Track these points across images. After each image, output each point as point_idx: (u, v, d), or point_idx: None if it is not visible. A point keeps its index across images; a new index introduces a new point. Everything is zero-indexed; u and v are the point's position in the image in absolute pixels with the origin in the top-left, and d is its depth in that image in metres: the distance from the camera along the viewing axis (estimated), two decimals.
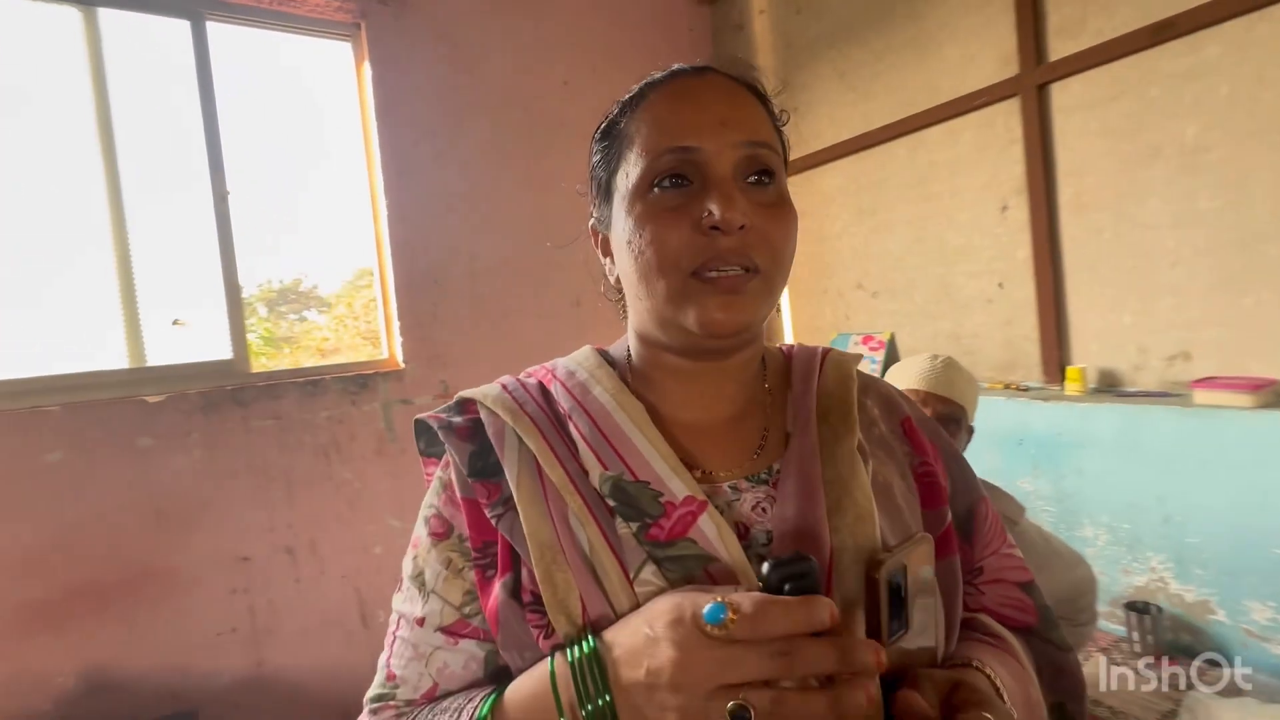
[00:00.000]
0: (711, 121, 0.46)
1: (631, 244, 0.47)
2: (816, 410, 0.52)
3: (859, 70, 2.44)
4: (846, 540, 0.45)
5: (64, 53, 1.91)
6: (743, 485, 0.49)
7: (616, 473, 0.46)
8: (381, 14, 2.27)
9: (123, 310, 1.94)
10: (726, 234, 0.44)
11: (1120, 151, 1.75)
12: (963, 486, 0.56)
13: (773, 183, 0.48)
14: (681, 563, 0.43)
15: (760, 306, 0.47)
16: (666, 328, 0.49)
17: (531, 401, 0.51)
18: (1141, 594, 1.69)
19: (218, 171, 2.06)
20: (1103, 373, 1.86)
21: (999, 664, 0.48)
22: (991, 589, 0.56)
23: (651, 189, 0.47)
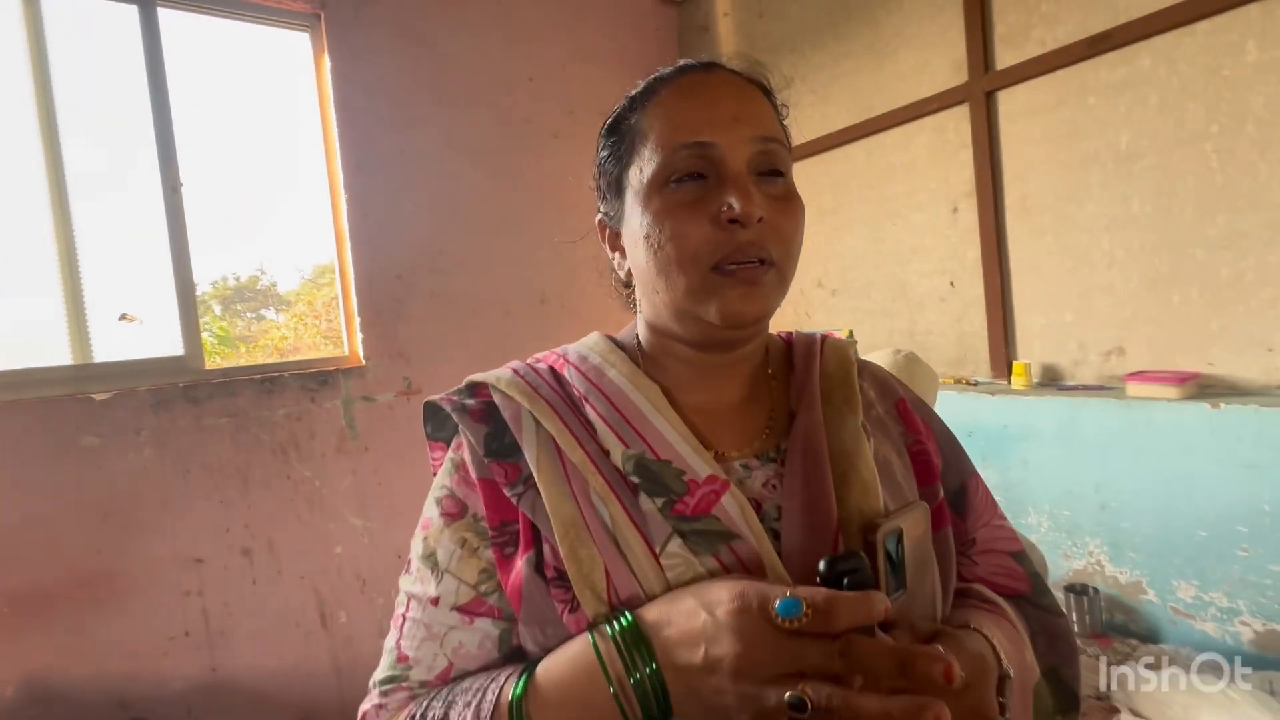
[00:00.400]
0: (725, 117, 0.48)
1: (650, 238, 0.48)
2: (820, 391, 0.54)
3: (818, 73, 2.50)
4: (853, 511, 0.47)
5: (1, 35, 1.82)
6: (753, 464, 0.51)
7: (638, 451, 0.47)
8: (341, 4, 2.23)
9: (66, 304, 1.87)
10: (745, 227, 0.46)
11: (1060, 158, 1.84)
12: (955, 464, 0.59)
13: (783, 178, 0.50)
14: (706, 537, 0.45)
15: (775, 296, 0.49)
16: (684, 320, 0.50)
17: (545, 385, 0.52)
18: (1080, 577, 1.79)
19: (169, 163, 2.00)
20: (1046, 368, 1.95)
21: (995, 627, 0.50)
22: (985, 559, 0.58)
23: (668, 184, 0.48)
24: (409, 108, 2.36)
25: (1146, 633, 1.67)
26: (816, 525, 0.46)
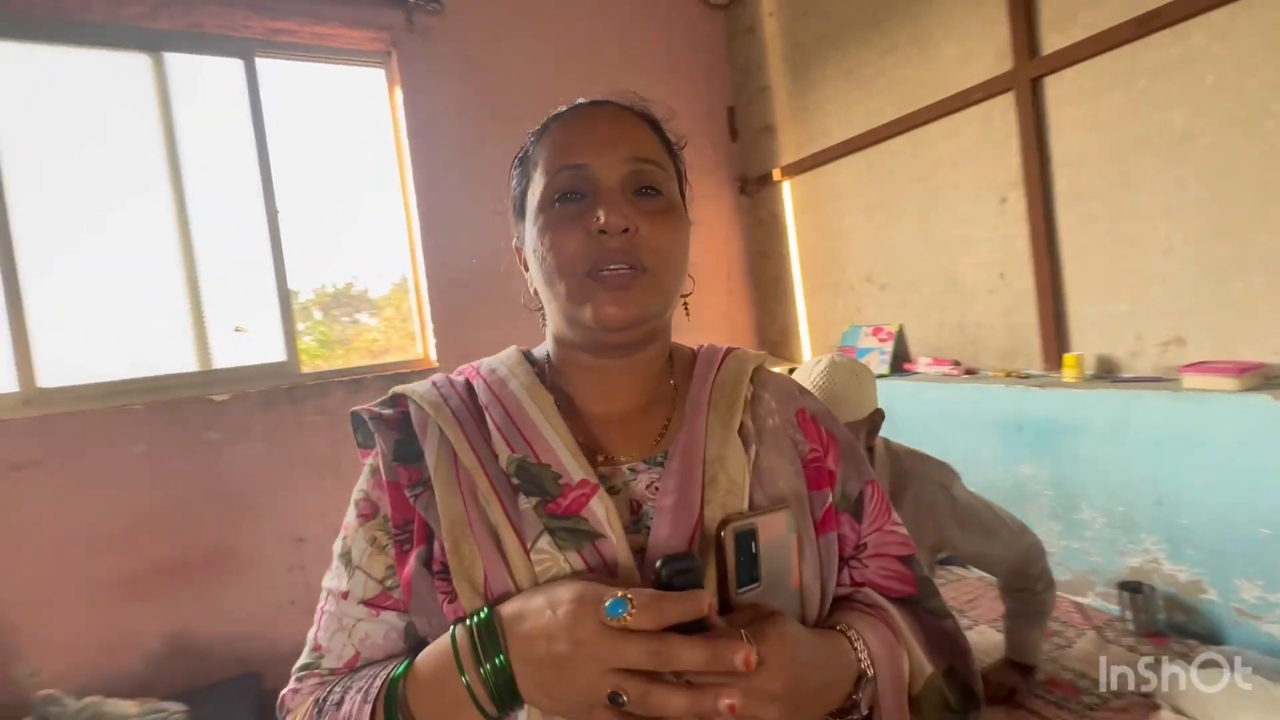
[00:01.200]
0: (599, 142, 0.53)
1: (537, 251, 0.54)
2: (709, 400, 0.57)
3: (864, 69, 2.51)
4: (716, 510, 0.50)
5: (136, 93, 2.16)
6: (640, 468, 0.55)
7: (522, 455, 0.51)
8: (410, 42, 2.46)
9: (191, 319, 2.20)
10: (612, 236, 0.50)
11: (1112, 142, 1.78)
12: (854, 472, 0.60)
13: (660, 195, 0.54)
14: (573, 536, 0.48)
15: (650, 302, 0.52)
16: (573, 325, 0.54)
17: (455, 396, 0.57)
18: (1136, 574, 1.74)
19: (269, 192, 2.29)
20: (1101, 359, 1.90)
21: (868, 629, 0.52)
22: (874, 562, 0.59)
23: (552, 203, 0.53)
24: (471, 129, 2.57)
25: (1208, 633, 1.61)
26: (681, 524, 0.49)
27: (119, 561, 1.95)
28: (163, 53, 2.17)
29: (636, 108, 0.59)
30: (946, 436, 2.16)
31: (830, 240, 2.77)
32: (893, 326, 2.53)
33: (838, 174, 2.68)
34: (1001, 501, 2.02)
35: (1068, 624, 1.77)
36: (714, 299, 3.15)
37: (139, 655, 1.95)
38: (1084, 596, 1.87)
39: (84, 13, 2.02)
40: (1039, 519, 1.95)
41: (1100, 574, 1.82)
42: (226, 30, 2.22)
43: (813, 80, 2.75)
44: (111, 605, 1.93)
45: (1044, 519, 1.94)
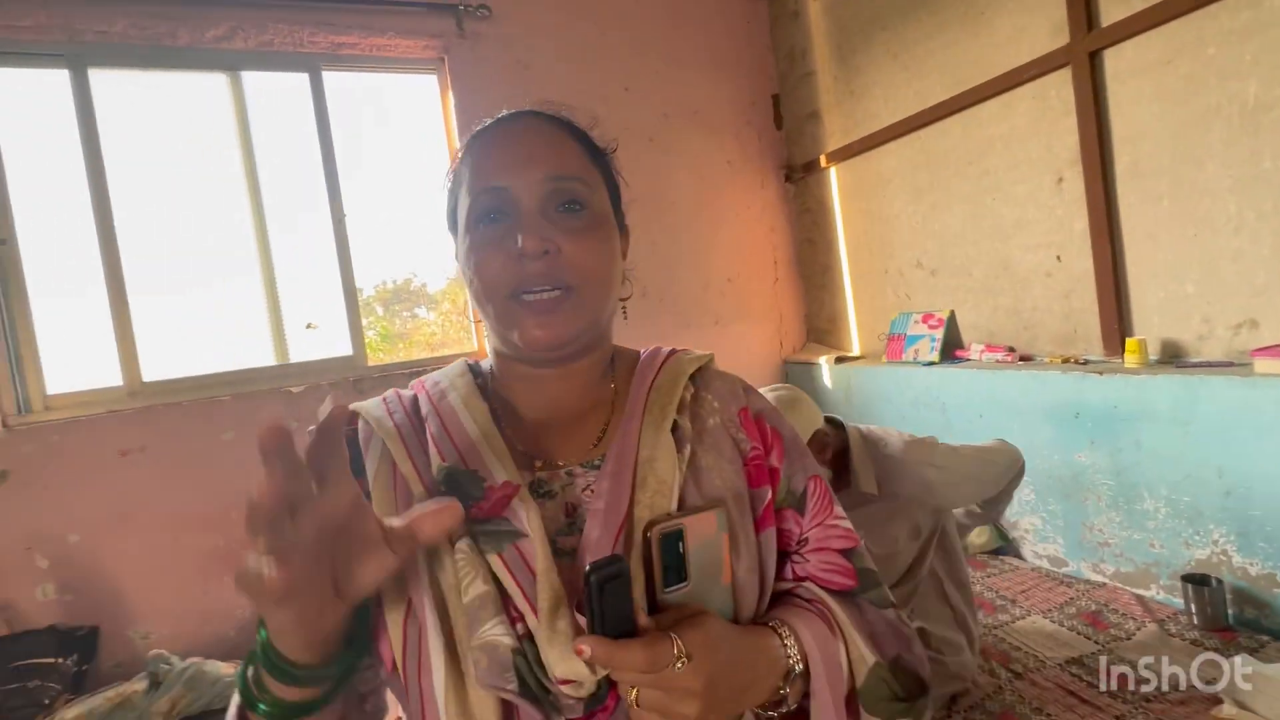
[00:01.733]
0: (518, 162, 0.53)
1: (465, 272, 0.55)
2: (645, 403, 0.57)
3: (912, 49, 2.45)
4: (645, 511, 0.50)
5: (217, 110, 2.35)
6: (577, 471, 0.55)
7: (451, 463, 0.52)
8: (461, 48, 2.57)
9: (269, 317, 2.39)
10: (533, 260, 0.50)
11: (1177, 115, 1.70)
12: (799, 468, 0.60)
13: (584, 209, 0.54)
14: (495, 537, 0.49)
15: (576, 321, 0.53)
16: (505, 343, 0.56)
17: (400, 411, 0.57)
18: (1203, 567, 1.67)
19: (335, 197, 2.45)
20: (1166, 344, 1.82)
21: (802, 624, 0.52)
22: (815, 556, 0.59)
23: (476, 225, 0.53)
24: None
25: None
26: (610, 525, 0.50)
27: (214, 538, 2.15)
28: (239, 71, 2.35)
29: (560, 118, 0.58)
30: (999, 424, 2.12)
31: (879, 226, 2.73)
32: (943, 313, 2.47)
33: (886, 158, 2.64)
34: (1059, 491, 1.98)
35: (1127, 616, 1.72)
36: (761, 289, 3.15)
37: (233, 623, 2.16)
38: (1146, 589, 1.81)
39: (172, 39, 2.21)
40: (1098, 509, 1.90)
41: (1164, 566, 1.75)
42: (295, 47, 2.38)
43: (859, 64, 2.70)
44: (208, 577, 2.14)
45: (1103, 509, 1.88)
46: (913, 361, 2.49)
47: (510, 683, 0.44)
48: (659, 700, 0.43)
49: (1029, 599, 1.89)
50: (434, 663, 0.46)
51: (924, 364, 2.44)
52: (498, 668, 0.44)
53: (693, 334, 2.94)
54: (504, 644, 0.45)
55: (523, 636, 0.46)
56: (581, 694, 0.45)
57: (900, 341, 2.60)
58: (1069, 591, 1.89)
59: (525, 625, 0.46)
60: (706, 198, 3.02)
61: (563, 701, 0.45)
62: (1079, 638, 1.66)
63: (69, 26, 2.08)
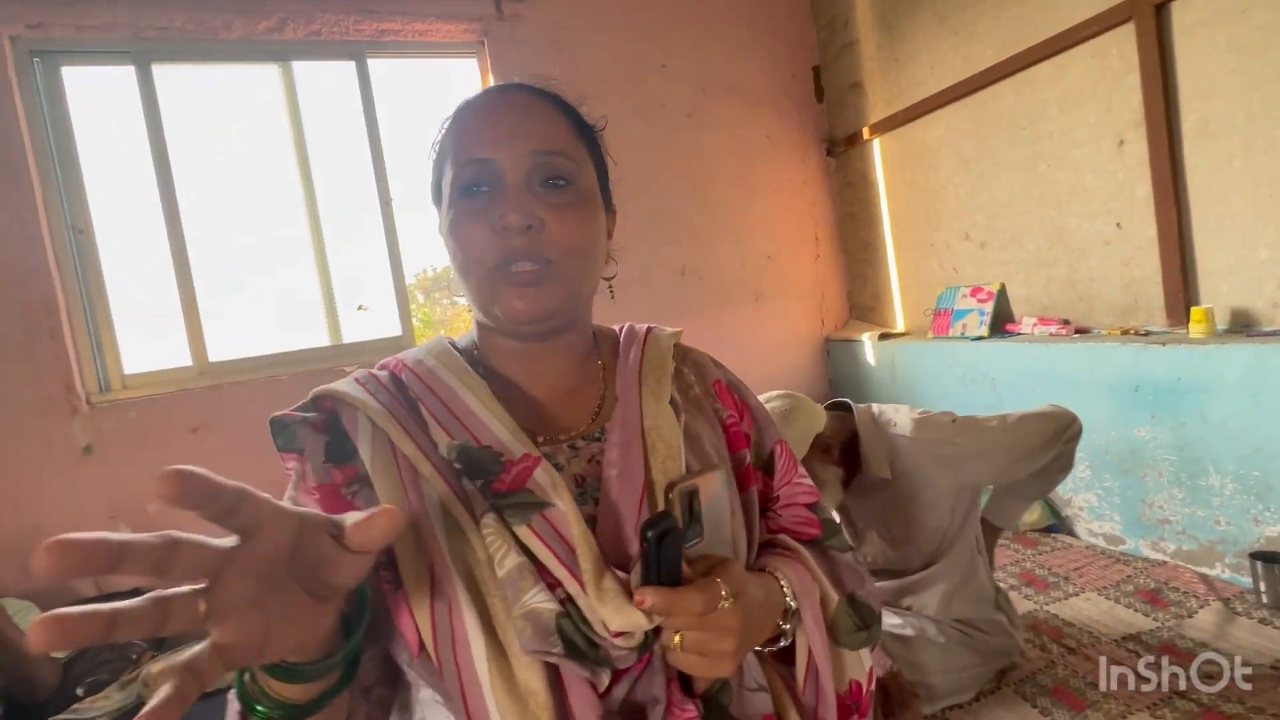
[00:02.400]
0: (504, 135, 0.52)
1: (449, 245, 0.55)
2: (639, 376, 0.60)
3: (961, 12, 2.36)
4: (659, 475, 0.53)
5: (270, 99, 2.44)
6: (579, 444, 0.57)
7: (461, 440, 0.51)
8: (500, 30, 2.59)
9: (323, 300, 2.48)
10: (516, 234, 0.51)
11: (1252, 69, 1.60)
12: (766, 434, 0.66)
13: (570, 185, 0.54)
14: (521, 509, 0.49)
15: (557, 295, 0.53)
16: (489, 315, 0.56)
17: (384, 391, 0.55)
18: (1274, 544, 1.60)
19: (382, 182, 2.52)
20: (1235, 312, 1.73)
21: (788, 568, 0.57)
22: (786, 511, 0.65)
23: (460, 197, 0.53)
24: None
25: None
26: (628, 489, 0.52)
27: None
28: (290, 61, 2.42)
29: (548, 92, 0.58)
30: (1052, 399, 2.05)
31: (924, 198, 2.66)
32: (993, 286, 2.40)
33: (932, 128, 2.56)
34: (1116, 467, 1.93)
35: (1189, 594, 1.66)
36: (802, 265, 3.11)
37: None
38: (1210, 567, 1.74)
39: (227, 31, 2.30)
40: (1158, 485, 1.83)
41: (1230, 544, 1.69)
42: (341, 35, 2.44)
43: (904, 31, 2.62)
44: None
45: (1164, 485, 1.81)
46: (960, 337, 2.43)
47: (555, 646, 0.45)
48: (702, 640, 0.46)
49: (1082, 576, 1.84)
50: (472, 638, 0.46)
51: (972, 339, 2.38)
52: (542, 633, 0.45)
53: (732, 312, 2.93)
54: (547, 609, 0.46)
55: (563, 600, 0.47)
56: (633, 644, 0.47)
57: (947, 316, 2.54)
58: (1126, 569, 1.84)
59: (564, 590, 0.47)
60: (745, 173, 2.99)
61: (613, 654, 0.46)
62: (1136, 615, 1.62)
63: (132, 24, 2.18)
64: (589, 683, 0.46)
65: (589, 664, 0.46)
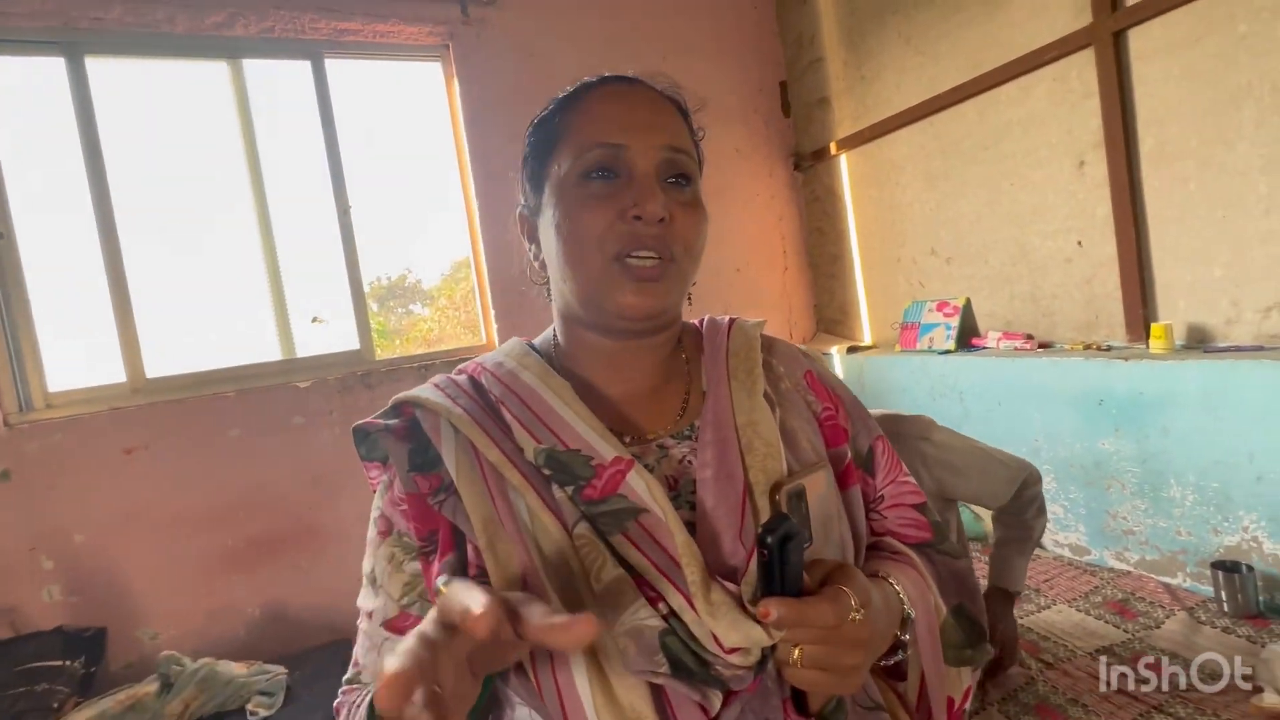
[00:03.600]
0: (638, 124, 0.52)
1: (560, 228, 0.52)
2: (727, 370, 0.57)
3: (925, 33, 2.41)
4: (759, 474, 0.50)
5: (217, 99, 2.29)
6: (669, 443, 0.54)
7: (549, 445, 0.49)
8: (466, 34, 2.52)
9: (274, 311, 2.34)
10: (647, 224, 0.49)
11: (1205, 96, 1.66)
12: (863, 429, 0.62)
13: (689, 185, 0.54)
14: (615, 517, 0.46)
15: (672, 293, 0.52)
16: (589, 307, 0.53)
17: (464, 395, 0.54)
18: (1233, 554, 1.65)
19: (340, 188, 2.40)
20: (1192, 328, 1.79)
21: (900, 574, 0.53)
22: (892, 512, 0.61)
23: (582, 179, 0.51)
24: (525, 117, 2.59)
25: None
26: (727, 492, 0.49)
27: (220, 537, 2.11)
28: (240, 59, 2.29)
29: (669, 93, 0.57)
30: (1019, 412, 2.10)
31: (891, 214, 2.70)
32: (959, 300, 2.44)
33: (897, 145, 2.60)
34: (1081, 479, 1.96)
35: (1155, 604, 1.70)
36: (770, 279, 3.12)
37: (242, 621, 2.12)
38: (1173, 577, 1.79)
39: (170, 25, 2.15)
40: (1122, 496, 1.87)
41: (1191, 554, 1.73)
42: (296, 34, 2.32)
43: (870, 49, 2.66)
44: (216, 576, 2.10)
45: (1128, 496, 1.86)
46: (928, 350, 2.46)
47: (662, 665, 0.42)
48: (827, 655, 0.42)
49: (1053, 588, 1.87)
50: (571, 658, 0.43)
51: (940, 352, 2.41)
52: (647, 652, 0.42)
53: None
54: (651, 626, 0.43)
55: (666, 615, 0.43)
56: (750, 662, 0.43)
57: (914, 330, 2.57)
58: (1093, 580, 1.87)
59: (667, 604, 0.44)
60: (714, 187, 2.97)
61: (726, 674, 0.43)
62: (1108, 626, 1.64)
63: (63, 13, 2.02)
64: (699, 705, 0.43)
65: (697, 684, 0.43)
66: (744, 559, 0.46)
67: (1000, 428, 2.14)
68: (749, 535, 0.47)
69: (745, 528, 0.47)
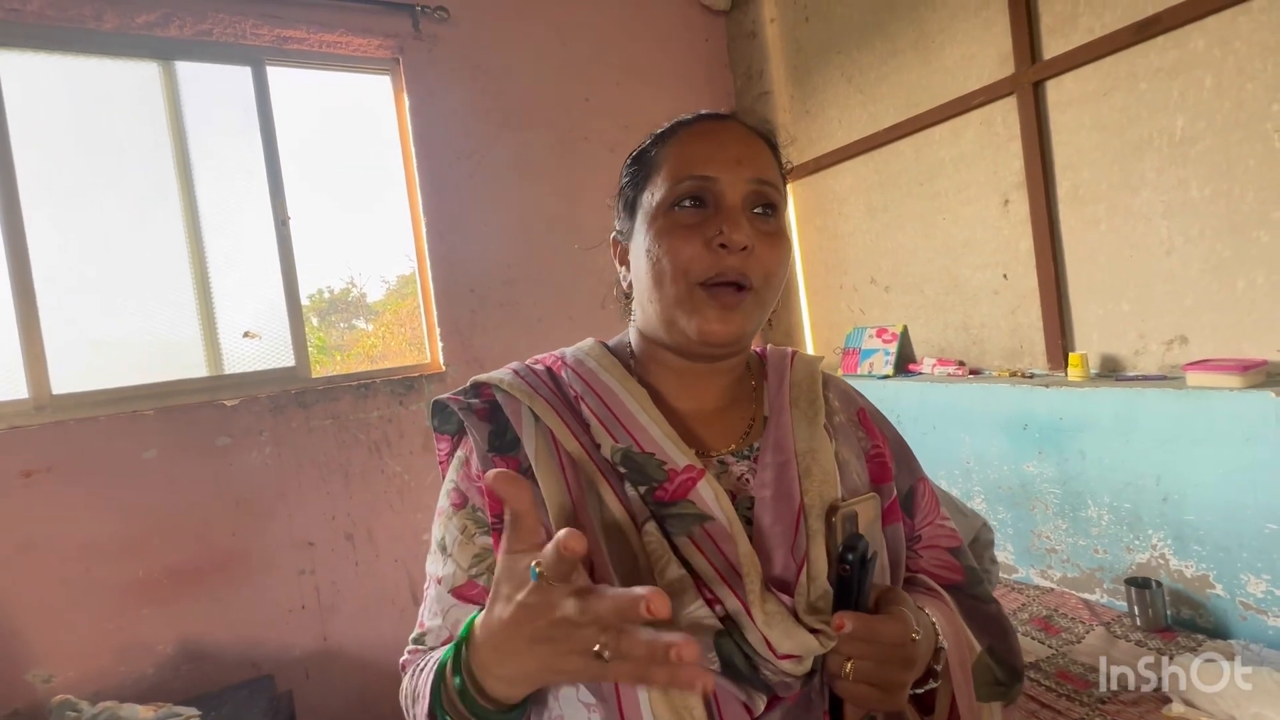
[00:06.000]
0: (728, 158, 0.55)
1: (650, 252, 0.55)
2: (790, 399, 0.60)
3: (866, 73, 2.54)
4: (815, 499, 0.53)
5: (146, 101, 2.18)
6: (730, 460, 0.57)
7: (626, 445, 0.52)
8: (417, 48, 2.49)
9: (201, 325, 2.21)
10: (731, 252, 0.52)
11: (1113, 145, 1.81)
12: (906, 469, 0.65)
13: (774, 216, 0.56)
14: (682, 520, 0.49)
15: (751, 321, 0.55)
16: (670, 330, 0.56)
17: (543, 385, 0.57)
18: (1144, 570, 1.76)
19: (279, 199, 2.31)
20: (1105, 358, 1.92)
21: (934, 608, 0.56)
22: (928, 553, 0.64)
23: (672, 208, 0.55)
24: (477, 135, 2.59)
25: (1215, 628, 1.63)
26: (783, 511, 0.52)
27: (131, 567, 1.96)
28: (173, 61, 2.19)
29: (761, 130, 0.61)
30: (953, 436, 2.19)
31: (833, 243, 2.80)
32: (897, 328, 2.55)
33: (841, 177, 2.71)
34: (1009, 500, 2.05)
35: (1076, 620, 1.79)
36: None
37: (151, 660, 1.96)
38: (1092, 593, 1.89)
39: (97, 22, 2.04)
40: (1045, 516, 1.97)
41: (1107, 570, 1.84)
42: (236, 38, 2.24)
43: (815, 85, 2.78)
44: (124, 611, 1.94)
45: (1050, 516, 1.96)
46: (868, 375, 2.55)
47: (713, 663, 0.45)
48: (877, 671, 0.45)
49: None
50: None
51: (879, 377, 2.50)
52: (701, 648, 0.45)
53: None
54: (707, 625, 0.46)
55: (722, 618, 0.46)
56: (803, 670, 0.46)
57: (855, 355, 2.66)
58: (1020, 598, 1.96)
59: (723, 607, 0.46)
60: None
61: (773, 679, 0.46)
62: (1033, 643, 1.71)
63: None
64: (744, 705, 0.46)
65: (745, 685, 0.46)
66: (794, 573, 0.49)
67: (935, 450, 2.23)
68: (799, 552, 0.50)
69: (797, 545, 0.50)
